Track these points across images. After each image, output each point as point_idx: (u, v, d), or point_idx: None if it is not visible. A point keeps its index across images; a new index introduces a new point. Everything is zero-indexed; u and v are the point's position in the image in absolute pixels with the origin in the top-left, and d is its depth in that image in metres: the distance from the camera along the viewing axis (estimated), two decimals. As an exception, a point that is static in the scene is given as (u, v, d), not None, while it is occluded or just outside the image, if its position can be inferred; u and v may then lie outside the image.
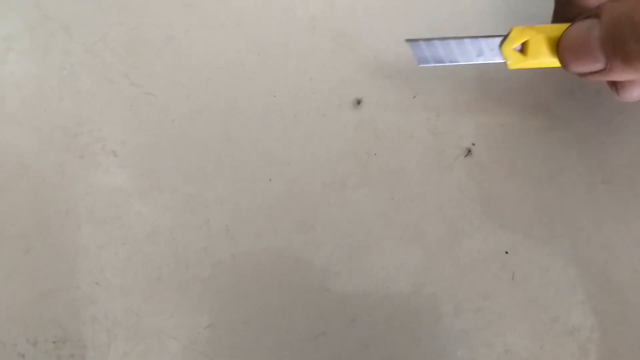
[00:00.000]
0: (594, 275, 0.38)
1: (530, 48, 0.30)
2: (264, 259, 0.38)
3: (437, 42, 0.31)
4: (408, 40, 0.31)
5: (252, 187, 0.38)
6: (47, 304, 0.37)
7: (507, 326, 0.38)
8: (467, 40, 0.30)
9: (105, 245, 0.37)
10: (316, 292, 0.38)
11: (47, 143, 0.38)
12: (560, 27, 0.30)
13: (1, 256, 0.37)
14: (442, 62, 0.31)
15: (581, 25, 0.28)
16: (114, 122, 0.39)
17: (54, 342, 0.36)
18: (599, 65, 0.27)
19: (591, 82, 0.33)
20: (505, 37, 0.30)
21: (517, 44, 0.30)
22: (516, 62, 0.31)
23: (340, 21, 0.41)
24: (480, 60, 0.31)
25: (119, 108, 0.39)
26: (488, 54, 0.31)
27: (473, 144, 0.39)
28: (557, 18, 0.33)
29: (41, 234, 0.37)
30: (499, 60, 0.31)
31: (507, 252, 0.38)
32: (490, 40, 0.31)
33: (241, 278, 0.38)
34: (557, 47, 0.29)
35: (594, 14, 0.27)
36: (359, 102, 0.40)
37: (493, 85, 0.41)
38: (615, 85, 0.31)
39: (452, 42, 0.30)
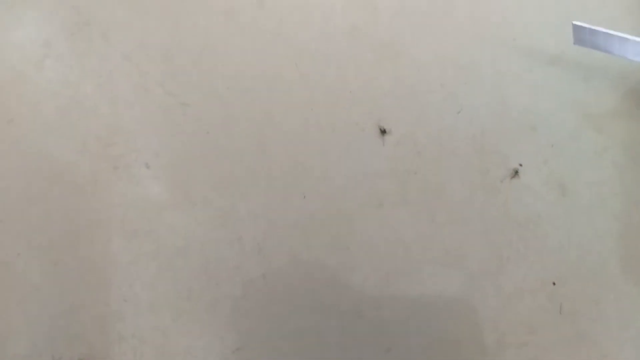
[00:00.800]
0: (649, 310, 0.36)
1: None
2: (295, 280, 0.37)
3: (600, 32, 0.33)
4: (575, 24, 0.33)
5: (285, 203, 0.37)
6: (74, 320, 0.36)
7: (553, 362, 0.36)
8: (631, 41, 0.32)
9: (136, 260, 0.37)
10: (350, 317, 0.36)
11: (81, 152, 0.38)
12: None
13: (31, 266, 0.37)
14: (598, 49, 0.33)
15: None
16: (148, 133, 0.38)
17: (79, 359, 0.36)
18: None
19: None
20: None
21: None
22: None
23: (382, 31, 0.39)
24: (634, 59, 0.32)
25: (153, 118, 0.38)
26: None
27: (520, 165, 0.37)
28: None
29: (71, 245, 0.37)
30: None
31: (554, 283, 0.36)
32: None
33: (272, 299, 0.36)
34: None
35: None
36: (399, 117, 0.38)
37: (542, 102, 0.38)
38: None
39: (615, 38, 0.33)
